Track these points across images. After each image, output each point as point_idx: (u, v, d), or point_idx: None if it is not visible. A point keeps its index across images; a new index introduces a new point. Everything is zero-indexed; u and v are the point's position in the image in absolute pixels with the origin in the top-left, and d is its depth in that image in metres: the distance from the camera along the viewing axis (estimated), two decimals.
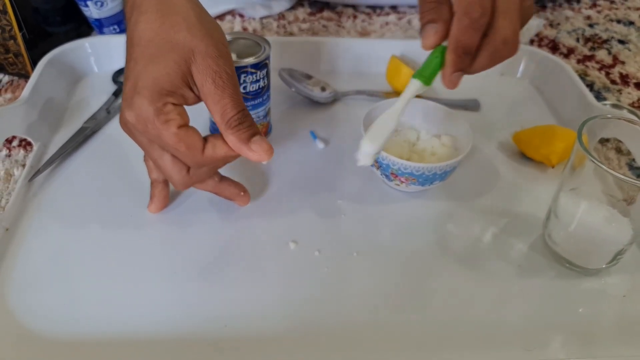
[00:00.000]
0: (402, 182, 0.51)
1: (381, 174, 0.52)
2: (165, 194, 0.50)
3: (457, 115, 0.56)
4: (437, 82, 0.44)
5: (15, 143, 0.59)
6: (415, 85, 0.44)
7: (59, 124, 0.61)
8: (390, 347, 0.42)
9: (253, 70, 0.52)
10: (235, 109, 0.41)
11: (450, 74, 0.43)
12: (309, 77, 0.66)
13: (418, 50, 0.56)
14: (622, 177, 0.42)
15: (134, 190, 0.53)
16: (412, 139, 0.56)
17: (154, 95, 0.38)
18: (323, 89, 0.66)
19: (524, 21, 0.43)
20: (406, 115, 0.56)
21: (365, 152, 0.43)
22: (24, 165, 0.56)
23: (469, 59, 0.42)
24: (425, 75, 0.44)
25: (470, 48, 0.42)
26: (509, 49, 0.42)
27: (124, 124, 0.41)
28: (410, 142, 0.56)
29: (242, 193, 0.51)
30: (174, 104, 0.40)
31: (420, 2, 0.44)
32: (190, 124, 0.42)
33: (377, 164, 0.51)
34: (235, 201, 0.51)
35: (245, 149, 0.41)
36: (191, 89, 0.41)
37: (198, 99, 0.42)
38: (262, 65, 0.53)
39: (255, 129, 0.42)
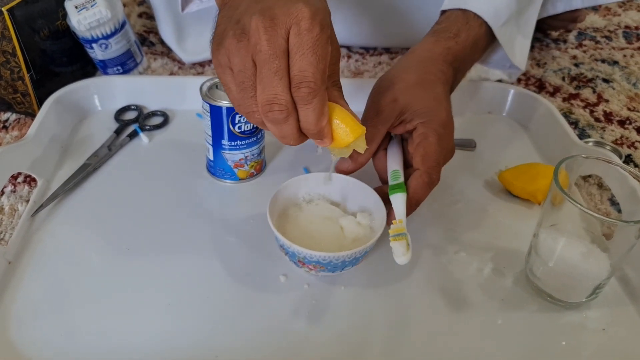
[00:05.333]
0: (311, 269, 0.49)
1: (290, 260, 0.50)
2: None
3: (370, 190, 0.52)
4: None
5: (20, 179, 0.62)
6: (403, 198, 0.50)
7: (63, 160, 0.63)
8: None
9: None
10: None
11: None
12: None
13: None
14: (596, 215, 0.44)
15: (131, 225, 0.55)
16: (340, 222, 0.52)
17: None
18: None
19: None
20: (331, 192, 0.55)
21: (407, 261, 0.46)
22: (28, 201, 0.58)
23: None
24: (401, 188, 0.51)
25: (421, 201, 0.51)
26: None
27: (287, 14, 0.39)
28: (340, 230, 0.51)
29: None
30: None
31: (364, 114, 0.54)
32: (189, 155, 0.43)
33: (284, 251, 0.49)
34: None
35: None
36: None
37: None
38: None
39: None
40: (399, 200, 0.50)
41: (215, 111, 0.55)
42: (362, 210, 0.53)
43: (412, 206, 0.50)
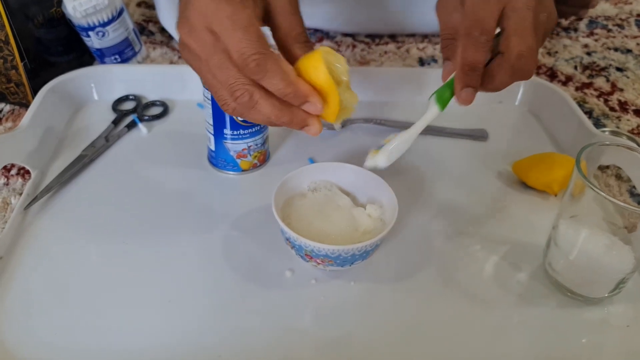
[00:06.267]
0: (318, 263, 0.46)
1: (296, 254, 0.47)
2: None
3: (381, 181, 0.50)
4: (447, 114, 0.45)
5: (13, 171, 0.59)
6: (435, 109, 0.46)
7: (58, 151, 0.61)
8: None
9: None
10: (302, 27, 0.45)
11: (459, 90, 0.45)
12: None
13: (415, 78, 0.57)
14: (622, 204, 0.41)
15: (129, 219, 0.53)
16: (355, 215, 0.49)
17: None
18: None
19: (545, 33, 0.46)
20: (341, 182, 0.52)
21: (376, 165, 0.46)
22: (21, 194, 0.56)
23: (477, 76, 0.45)
24: (443, 99, 0.46)
25: (474, 64, 0.44)
26: (526, 62, 0.44)
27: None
28: (353, 223, 0.49)
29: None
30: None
31: (441, 37, 0.48)
32: (189, 146, 0.41)
33: (290, 244, 0.47)
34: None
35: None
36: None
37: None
38: None
39: None
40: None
41: None
42: (372, 202, 0.50)
43: (465, 72, 0.44)
